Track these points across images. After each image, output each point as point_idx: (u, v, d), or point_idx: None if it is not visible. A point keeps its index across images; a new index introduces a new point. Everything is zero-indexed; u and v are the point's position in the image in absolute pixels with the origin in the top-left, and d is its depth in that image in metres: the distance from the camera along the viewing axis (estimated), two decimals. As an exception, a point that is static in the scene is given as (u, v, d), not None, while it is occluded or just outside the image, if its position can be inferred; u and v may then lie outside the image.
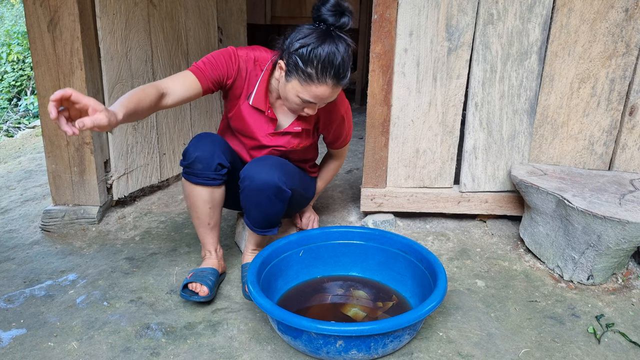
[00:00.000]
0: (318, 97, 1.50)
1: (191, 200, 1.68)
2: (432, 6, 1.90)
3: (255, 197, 1.61)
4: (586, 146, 2.06)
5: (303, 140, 1.74)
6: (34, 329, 1.53)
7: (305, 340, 1.34)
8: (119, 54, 2.17)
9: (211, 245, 1.76)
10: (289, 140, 1.72)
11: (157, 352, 1.43)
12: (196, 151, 1.59)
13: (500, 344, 1.49)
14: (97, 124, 1.19)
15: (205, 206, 1.67)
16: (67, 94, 1.18)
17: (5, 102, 5.75)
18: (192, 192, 1.66)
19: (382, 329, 1.29)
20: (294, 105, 1.56)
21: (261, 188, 1.58)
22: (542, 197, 1.84)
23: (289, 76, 1.50)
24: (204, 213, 1.69)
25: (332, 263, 1.79)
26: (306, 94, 1.49)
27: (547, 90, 2.00)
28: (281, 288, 1.68)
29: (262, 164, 1.61)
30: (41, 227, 2.17)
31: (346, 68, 1.48)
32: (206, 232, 1.73)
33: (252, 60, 1.63)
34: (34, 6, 1.96)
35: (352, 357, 1.35)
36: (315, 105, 1.55)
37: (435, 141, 2.07)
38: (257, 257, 1.58)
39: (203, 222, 1.71)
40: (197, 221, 1.72)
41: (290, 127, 1.69)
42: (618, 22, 1.89)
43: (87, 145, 2.14)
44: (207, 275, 1.66)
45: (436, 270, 1.51)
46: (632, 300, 1.72)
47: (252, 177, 1.58)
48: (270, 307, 1.34)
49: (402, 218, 2.22)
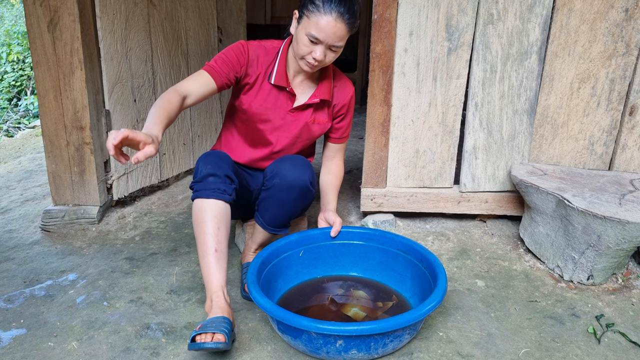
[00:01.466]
0: (323, 29, 1.53)
1: (199, 219, 1.55)
2: (432, 6, 1.90)
3: (283, 195, 1.63)
4: (586, 146, 2.06)
5: (319, 115, 1.77)
6: (34, 329, 1.53)
7: (306, 340, 1.34)
8: (119, 53, 2.17)
9: (217, 284, 1.49)
10: (310, 114, 1.74)
11: (157, 352, 1.43)
12: (207, 165, 1.60)
13: (500, 344, 1.49)
14: (148, 156, 1.32)
15: (214, 225, 1.53)
16: (125, 135, 1.28)
17: (5, 102, 5.75)
18: (201, 208, 1.55)
19: (382, 329, 1.29)
20: (303, 48, 1.58)
21: (292, 186, 1.61)
22: (542, 197, 1.84)
23: (301, 18, 1.59)
24: (211, 234, 1.52)
25: (332, 263, 1.79)
26: (312, 27, 1.53)
27: (547, 90, 2.00)
28: (281, 288, 1.68)
29: (292, 162, 1.64)
30: (41, 227, 2.17)
31: (351, 3, 1.54)
32: (211, 264, 1.50)
33: (263, 48, 1.70)
34: (34, 6, 1.96)
35: (352, 357, 1.35)
36: (322, 46, 1.56)
37: (435, 141, 2.07)
38: (257, 257, 1.58)
39: (209, 247, 1.51)
40: (202, 247, 1.53)
41: (310, 99, 1.72)
42: (618, 22, 1.89)
43: (87, 145, 2.14)
44: (219, 323, 1.38)
45: (436, 270, 1.51)
46: (632, 300, 1.72)
47: (284, 175, 1.61)
48: (271, 307, 1.34)
49: (402, 218, 2.22)
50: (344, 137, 1.87)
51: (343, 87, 1.79)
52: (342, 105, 1.80)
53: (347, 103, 1.81)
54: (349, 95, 1.80)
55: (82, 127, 2.11)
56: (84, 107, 2.08)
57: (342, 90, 1.79)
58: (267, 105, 1.71)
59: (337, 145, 1.88)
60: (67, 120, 2.10)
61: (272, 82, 1.68)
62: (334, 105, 1.78)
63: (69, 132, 2.12)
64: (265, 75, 1.69)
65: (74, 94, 2.06)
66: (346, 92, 1.80)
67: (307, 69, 1.62)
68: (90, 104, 2.09)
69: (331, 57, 1.60)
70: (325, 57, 1.58)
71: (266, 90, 1.70)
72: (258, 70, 1.68)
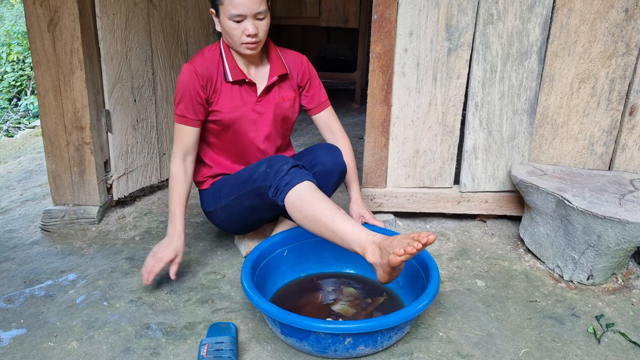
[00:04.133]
0: (239, 3, 1.55)
1: (306, 199, 1.51)
2: (432, 6, 1.90)
3: (324, 182, 1.71)
4: (586, 146, 2.06)
5: (285, 92, 1.79)
6: (34, 329, 1.53)
7: (313, 341, 1.34)
8: (119, 53, 2.17)
9: (365, 236, 1.39)
10: (276, 95, 1.77)
11: (157, 352, 1.43)
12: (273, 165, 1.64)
13: (500, 344, 1.49)
14: (179, 263, 1.73)
15: (320, 194, 1.52)
16: (155, 275, 1.69)
17: (5, 102, 5.75)
18: (300, 192, 1.52)
19: (390, 323, 1.32)
20: (234, 33, 1.61)
21: (332, 171, 1.71)
22: (542, 197, 1.84)
23: (217, 11, 1.62)
24: (327, 199, 1.51)
25: (315, 260, 1.78)
26: (230, 8, 1.57)
27: (547, 90, 2.00)
28: (270, 289, 1.68)
29: (327, 149, 1.74)
30: (41, 227, 2.17)
31: None
32: (349, 221, 1.45)
33: (204, 57, 1.71)
34: (34, 6, 1.96)
35: (358, 353, 1.38)
36: (249, 19, 1.58)
37: (435, 141, 2.07)
38: (247, 260, 1.57)
39: (334, 208, 1.47)
40: (328, 212, 1.46)
41: (269, 80, 1.75)
42: (618, 22, 1.89)
43: (87, 145, 2.14)
44: (226, 351, 1.35)
45: (426, 261, 1.54)
46: (632, 300, 1.72)
47: (324, 162, 1.70)
48: (277, 312, 1.33)
49: (402, 218, 2.22)
50: (322, 102, 1.88)
51: (293, 57, 1.83)
52: (301, 72, 1.83)
53: (305, 68, 1.84)
54: (303, 61, 1.84)
55: (82, 127, 2.11)
56: (84, 107, 2.08)
57: (294, 60, 1.83)
58: (235, 104, 1.73)
59: (323, 114, 1.88)
60: (67, 120, 2.10)
61: (230, 79, 1.70)
62: (292, 77, 1.81)
63: (69, 132, 2.12)
64: (219, 79, 1.71)
65: (74, 94, 2.06)
66: (298, 59, 1.84)
67: (249, 52, 1.64)
68: (90, 104, 2.09)
69: (263, 26, 1.62)
70: (258, 29, 1.61)
71: (228, 91, 1.72)
72: (212, 79, 1.70)
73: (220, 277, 1.82)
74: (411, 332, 1.52)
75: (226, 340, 1.37)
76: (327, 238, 1.46)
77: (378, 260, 1.34)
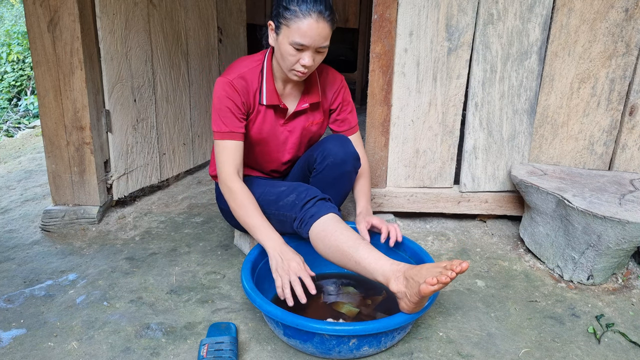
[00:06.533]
0: (306, 34, 1.48)
1: (330, 230, 1.51)
2: (432, 6, 1.90)
3: (337, 172, 1.69)
4: (586, 146, 2.06)
5: (314, 117, 1.76)
6: (34, 329, 1.53)
7: (317, 343, 1.34)
8: (119, 54, 2.17)
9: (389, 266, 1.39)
10: (304, 119, 1.75)
11: (157, 352, 1.43)
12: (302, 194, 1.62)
13: (500, 344, 1.49)
14: None
15: (344, 226, 1.53)
16: None
17: (5, 102, 5.75)
18: (325, 224, 1.52)
19: (396, 324, 1.32)
20: (290, 59, 1.54)
21: (345, 159, 1.67)
22: (542, 197, 1.84)
23: (278, 29, 1.53)
24: (351, 232, 1.51)
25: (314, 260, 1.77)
26: (295, 34, 1.48)
27: (547, 90, 2.00)
28: (269, 289, 1.66)
29: (338, 141, 1.69)
30: (41, 227, 2.17)
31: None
32: (372, 252, 1.44)
33: (241, 76, 1.64)
34: (34, 6, 1.96)
35: (362, 353, 1.38)
36: (309, 52, 1.52)
37: (435, 141, 2.07)
38: (246, 262, 1.56)
39: (360, 240, 1.48)
40: (352, 242, 1.47)
41: (298, 106, 1.72)
42: (618, 22, 1.89)
43: (87, 145, 2.14)
44: (226, 352, 1.35)
45: (425, 261, 1.55)
46: (632, 300, 1.72)
47: (336, 153, 1.66)
48: (282, 314, 1.33)
49: (402, 218, 2.22)
50: (352, 126, 1.85)
51: (330, 77, 1.78)
52: (335, 95, 1.79)
53: (339, 91, 1.79)
54: (338, 83, 1.79)
55: (82, 127, 2.11)
56: (84, 107, 2.08)
57: (331, 81, 1.78)
58: (264, 128, 1.71)
59: (351, 138, 1.84)
60: (67, 120, 2.10)
61: (265, 103, 1.66)
62: (325, 99, 1.79)
63: (69, 132, 2.12)
64: (256, 98, 1.66)
65: (74, 94, 2.06)
66: (334, 80, 1.79)
67: (296, 79, 1.59)
68: (90, 104, 2.09)
69: (319, 59, 1.57)
70: (314, 60, 1.55)
71: (262, 113, 1.69)
72: (249, 98, 1.65)
73: (220, 277, 1.82)
74: (411, 332, 1.52)
75: (226, 340, 1.37)
76: (350, 268, 1.46)
77: (402, 290, 1.32)
